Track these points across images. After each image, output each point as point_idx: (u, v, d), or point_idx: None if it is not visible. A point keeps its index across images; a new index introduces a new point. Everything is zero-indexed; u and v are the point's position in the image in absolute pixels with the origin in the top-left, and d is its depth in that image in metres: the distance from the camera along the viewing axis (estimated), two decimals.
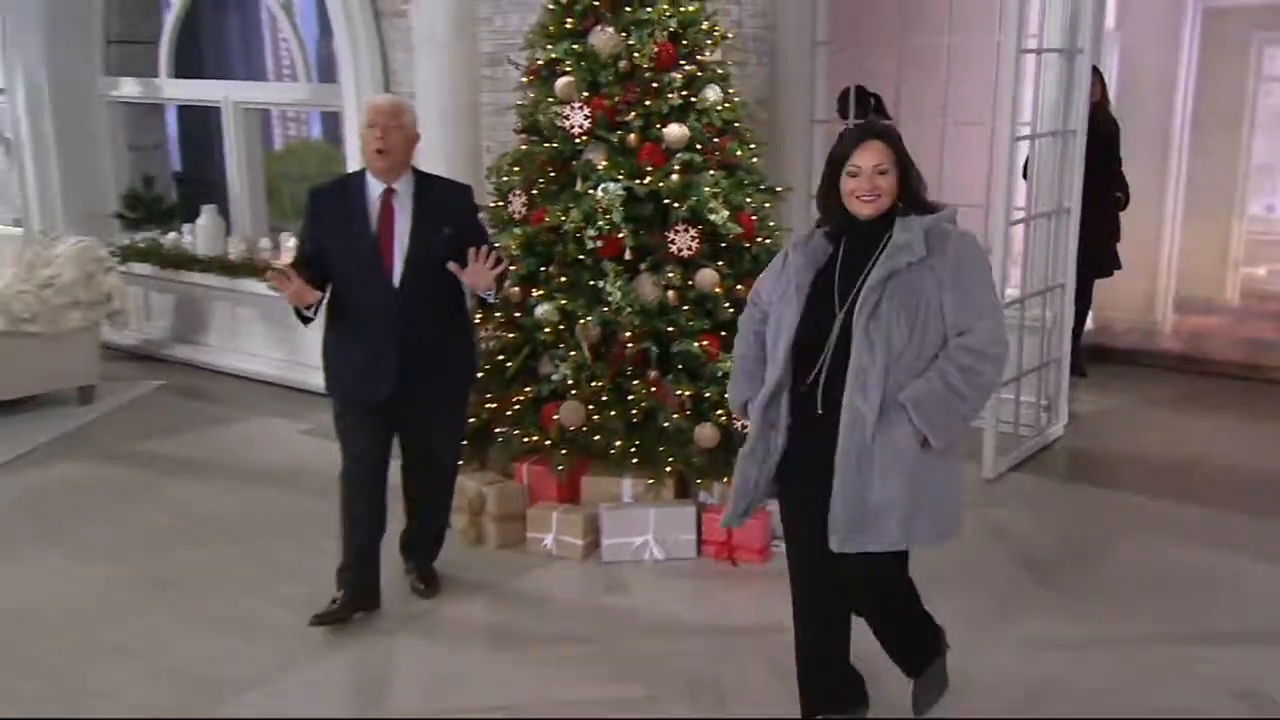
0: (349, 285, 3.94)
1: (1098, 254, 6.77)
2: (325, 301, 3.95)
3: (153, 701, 3.58)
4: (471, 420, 4.76)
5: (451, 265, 3.77)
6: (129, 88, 8.31)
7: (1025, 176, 6.05)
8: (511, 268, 4.76)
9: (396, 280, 3.88)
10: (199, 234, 7.70)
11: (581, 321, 4.64)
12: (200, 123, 9.00)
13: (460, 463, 4.48)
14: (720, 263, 4.74)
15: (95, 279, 6.75)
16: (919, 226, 2.86)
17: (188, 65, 8.33)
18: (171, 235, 7.92)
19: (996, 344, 2.86)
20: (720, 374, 4.60)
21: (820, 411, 2.87)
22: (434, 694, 3.65)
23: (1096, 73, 6.81)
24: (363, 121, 4.01)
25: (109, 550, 4.75)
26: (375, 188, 3.93)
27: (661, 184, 4.63)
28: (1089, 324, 7.42)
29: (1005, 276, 5.59)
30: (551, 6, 4.83)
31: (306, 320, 3.94)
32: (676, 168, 4.65)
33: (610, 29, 4.67)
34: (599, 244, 4.62)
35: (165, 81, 8.16)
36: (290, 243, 6.73)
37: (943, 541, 3.01)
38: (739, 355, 3.20)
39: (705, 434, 4.60)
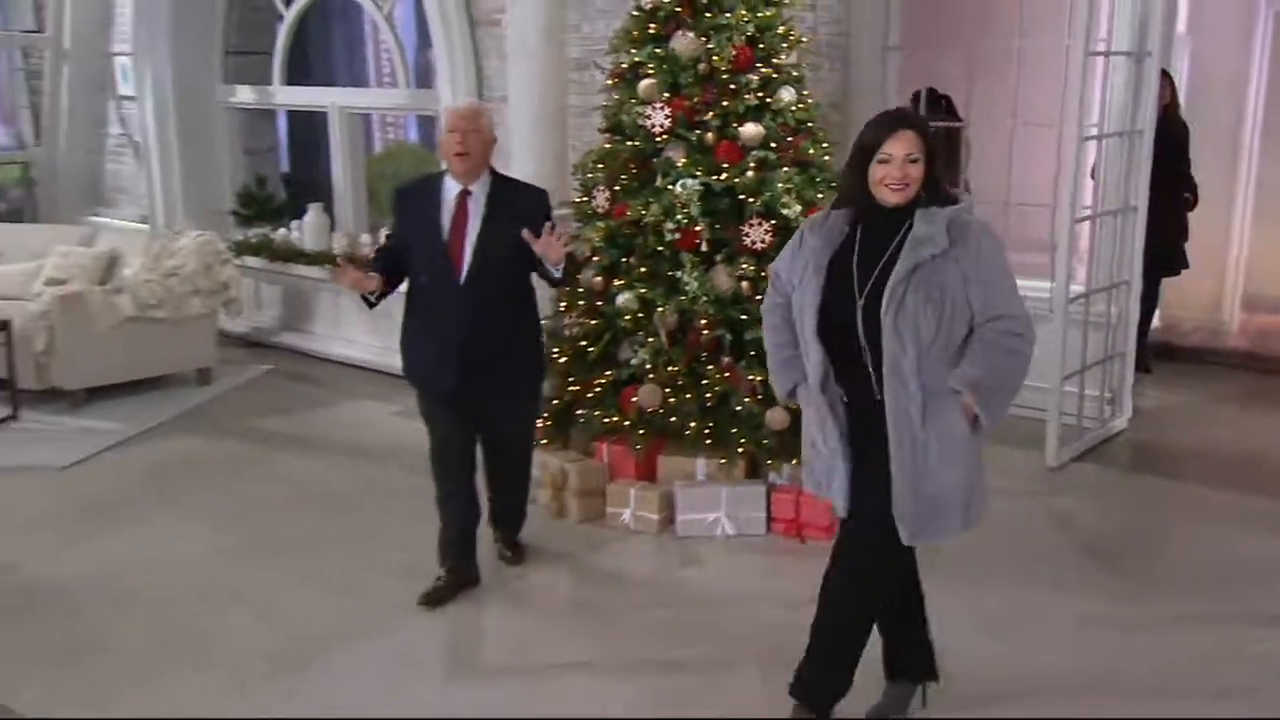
0: (422, 280, 3.99)
1: (1166, 253, 6.63)
2: (406, 292, 4.03)
3: (265, 646, 3.79)
4: (555, 401, 4.88)
5: (525, 232, 3.75)
6: (245, 95, 8.57)
7: (1093, 177, 5.99)
8: (594, 258, 4.88)
9: (464, 278, 3.89)
10: (306, 230, 7.90)
11: (660, 310, 4.69)
12: (307, 128, 9.25)
13: (536, 445, 4.54)
14: None
15: (214, 270, 6.99)
16: (941, 219, 2.76)
17: (298, 74, 8.54)
18: (280, 231, 8.14)
19: (1029, 328, 2.79)
20: None
21: (879, 398, 2.79)
22: (520, 652, 3.79)
23: (1166, 76, 6.69)
24: (442, 126, 4.08)
25: (226, 515, 4.96)
26: (452, 189, 3.97)
27: (737, 180, 4.67)
28: (1155, 322, 7.26)
29: (1070, 273, 5.53)
30: (635, 13, 4.88)
31: (371, 305, 4.03)
32: (752, 164, 4.68)
33: (691, 34, 4.70)
34: (677, 236, 4.67)
35: (277, 89, 8.39)
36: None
37: (976, 524, 2.95)
38: (773, 344, 3.09)
39: (776, 417, 4.62)
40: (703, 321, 4.68)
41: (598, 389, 4.84)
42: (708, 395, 4.67)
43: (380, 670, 3.66)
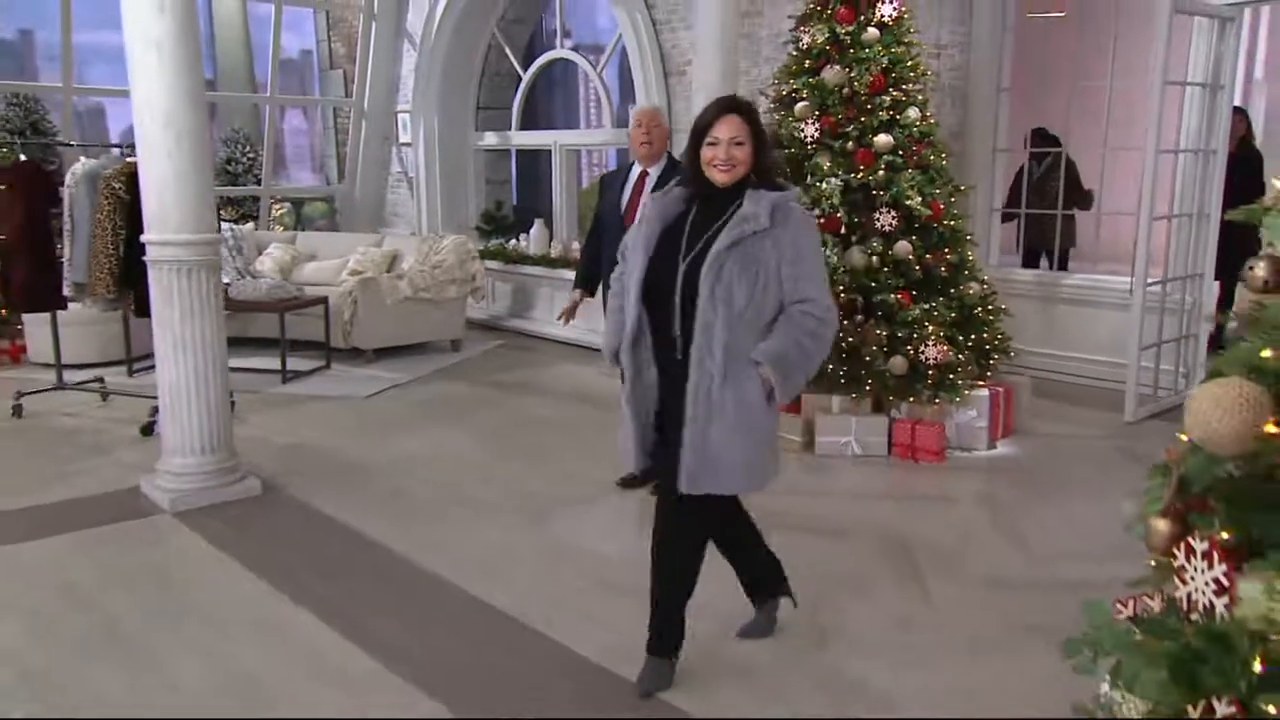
0: (606, 245, 3.92)
1: (1238, 261, 6.42)
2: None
3: (513, 504, 4.16)
4: None
5: None
6: (489, 139, 9.19)
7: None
8: None
9: None
10: (531, 240, 8.36)
11: None
12: (532, 166, 9.86)
13: None
14: (913, 237, 4.81)
15: (466, 264, 7.48)
16: (767, 201, 2.48)
17: (528, 122, 9.11)
18: (512, 242, 8.61)
19: (830, 312, 2.53)
20: (910, 319, 4.77)
21: (680, 358, 2.49)
22: None
23: (1241, 111, 6.50)
24: (631, 124, 4.18)
25: (477, 430, 5.39)
26: (636, 171, 4.08)
27: (870, 178, 4.79)
28: (1231, 323, 6.94)
29: (1147, 267, 5.38)
30: (794, 53, 5.08)
31: (593, 295, 4.19)
32: (882, 167, 4.79)
33: (838, 66, 4.86)
34: (822, 221, 4.78)
35: (513, 134, 9.01)
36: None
37: (766, 486, 2.63)
38: (612, 309, 2.71)
39: (897, 363, 4.69)
40: (840, 288, 4.76)
41: None
42: (843, 345, 4.73)
43: (594, 523, 4.00)
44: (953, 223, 4.92)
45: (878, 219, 4.79)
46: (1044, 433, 5.14)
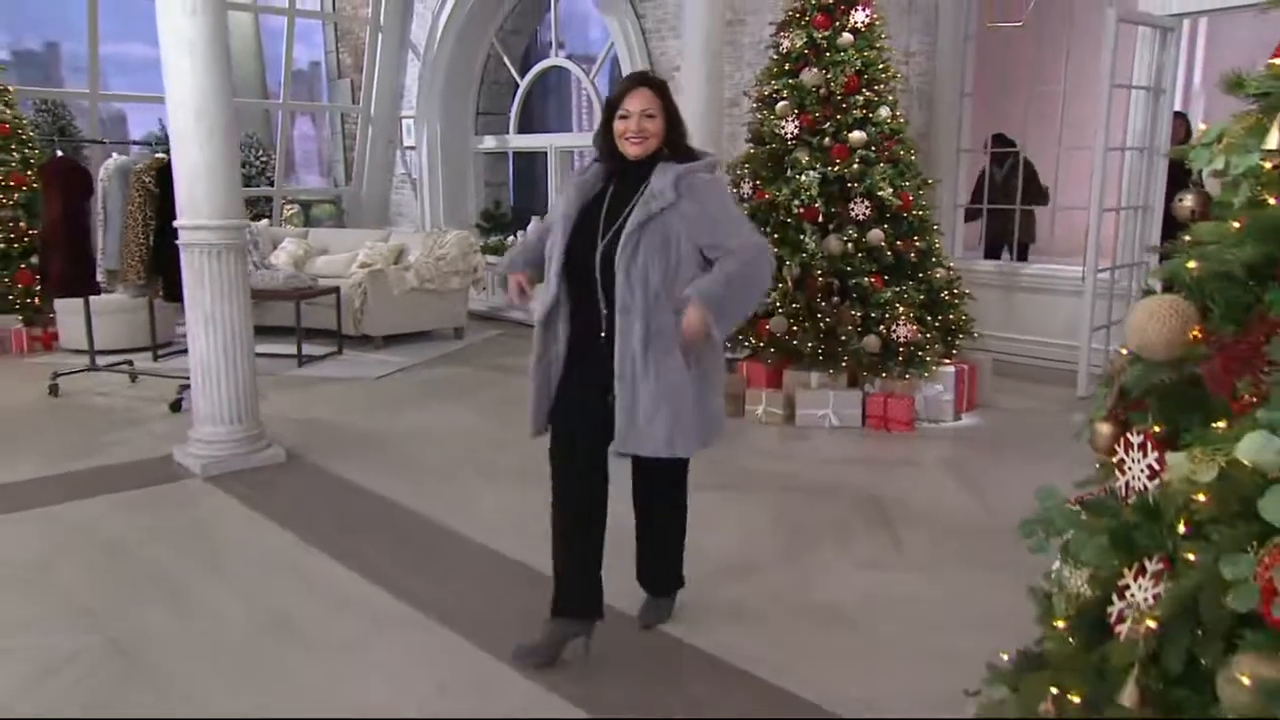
0: None
1: None
2: None
3: (518, 468, 4.18)
4: None
5: None
6: (489, 143, 9.29)
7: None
8: None
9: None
10: (528, 235, 8.51)
11: (787, 264, 4.90)
12: (527, 168, 9.95)
13: None
14: (885, 225, 4.90)
15: (468, 257, 7.54)
16: (672, 173, 2.34)
17: (525, 126, 9.22)
18: (510, 238, 8.74)
19: (757, 248, 2.39)
20: (882, 301, 4.88)
21: (604, 334, 2.38)
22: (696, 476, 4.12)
23: (1182, 116, 6.67)
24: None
25: (479, 407, 5.48)
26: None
27: (845, 171, 4.90)
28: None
29: (1097, 256, 5.50)
30: (774, 57, 5.17)
31: None
32: (856, 161, 4.89)
33: (815, 69, 4.97)
34: (801, 211, 4.90)
35: (512, 137, 9.11)
36: None
37: (705, 447, 2.49)
38: (522, 244, 2.75)
39: (870, 342, 4.79)
40: (818, 272, 4.89)
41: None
42: (821, 326, 4.85)
43: None
44: (920, 213, 5.03)
45: (852, 209, 4.89)
46: (1004, 407, 5.28)
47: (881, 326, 4.83)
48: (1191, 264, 1.19)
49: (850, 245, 4.89)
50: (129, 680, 2.52)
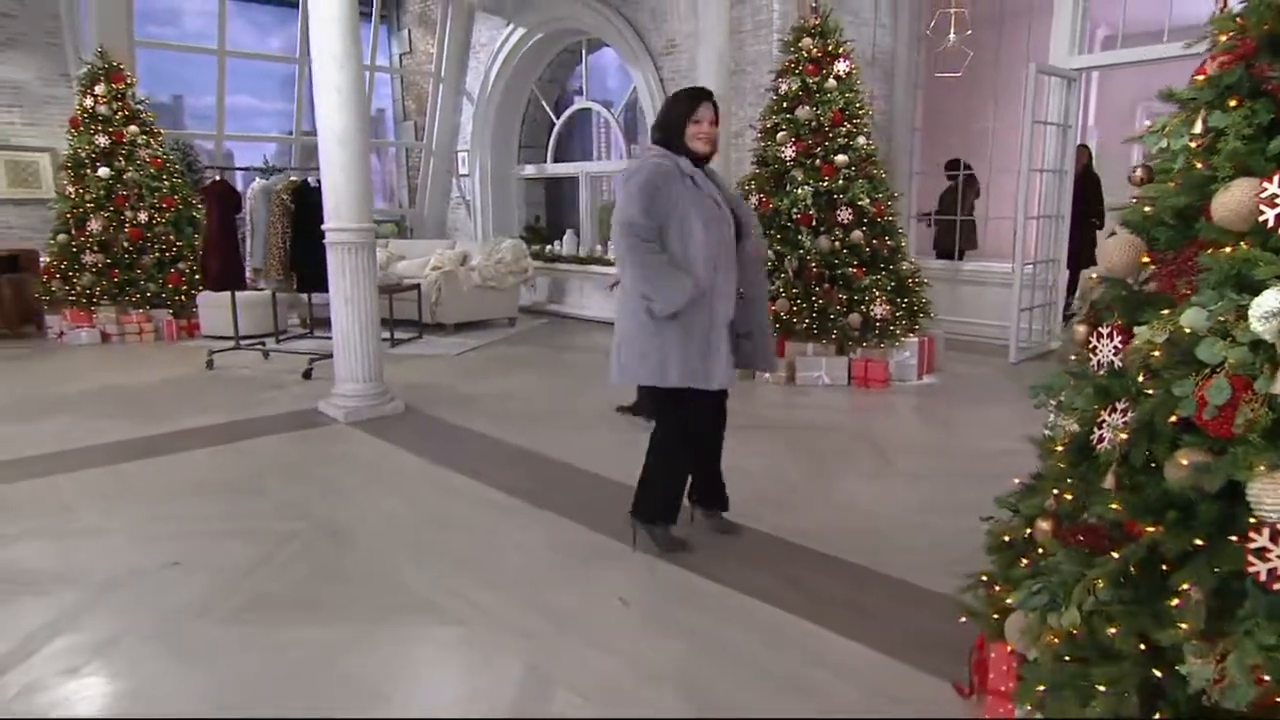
0: None
1: (1083, 255, 6.80)
2: None
3: (577, 419, 4.45)
4: None
5: None
6: (529, 170, 9.46)
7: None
8: None
9: None
10: (564, 245, 8.68)
11: (788, 258, 5.15)
12: (556, 192, 10.14)
13: None
14: (864, 228, 5.15)
15: (520, 260, 7.76)
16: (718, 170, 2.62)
17: (559, 156, 9.42)
18: (549, 247, 8.95)
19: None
20: (862, 287, 5.16)
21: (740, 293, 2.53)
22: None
23: (1085, 147, 7.03)
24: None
25: (538, 374, 5.66)
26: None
27: (833, 186, 5.14)
28: (1076, 299, 7.38)
29: (1023, 254, 5.82)
30: (774, 97, 5.39)
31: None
32: (841, 178, 5.14)
33: (808, 107, 5.22)
34: (798, 217, 5.14)
35: (548, 165, 9.32)
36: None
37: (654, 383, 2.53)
38: (666, 262, 2.41)
39: (853, 319, 5.06)
40: (812, 265, 5.12)
41: None
42: (815, 307, 5.10)
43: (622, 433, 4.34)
44: (890, 218, 5.28)
45: (838, 215, 5.14)
46: (954, 371, 5.59)
47: (862, 307, 5.09)
48: (1147, 209, 1.53)
49: (837, 243, 5.14)
50: (338, 549, 2.82)
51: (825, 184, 5.17)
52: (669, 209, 2.42)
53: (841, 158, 5.17)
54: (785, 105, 5.33)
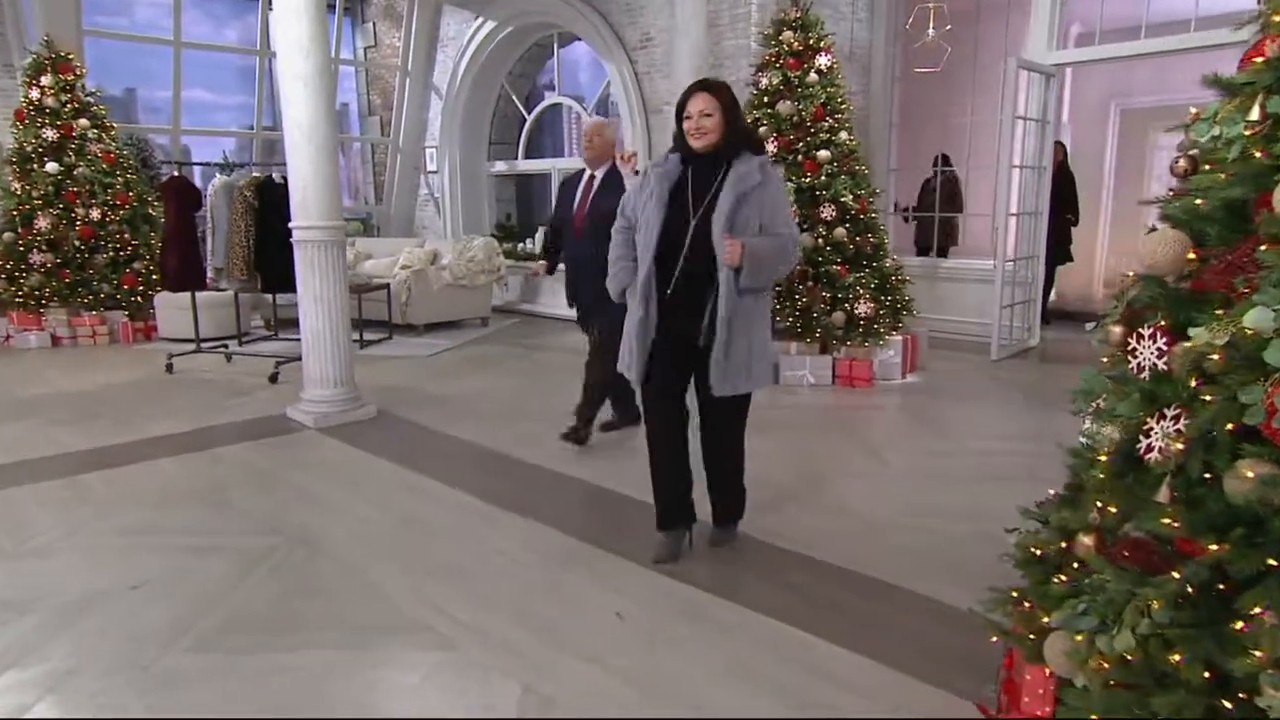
0: (564, 239, 3.77)
1: (1059, 250, 6.86)
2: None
3: (552, 416, 4.15)
4: None
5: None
6: (500, 167, 9.25)
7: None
8: None
9: (580, 234, 3.63)
10: (536, 243, 8.45)
11: None
12: (527, 189, 9.93)
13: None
14: (847, 225, 5.08)
15: (493, 259, 7.55)
16: (755, 162, 2.39)
17: (530, 152, 9.20)
18: (521, 245, 8.72)
19: (794, 241, 2.45)
20: (846, 284, 5.09)
21: (683, 296, 2.40)
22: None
23: (1060, 144, 7.07)
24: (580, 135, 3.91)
25: (510, 374, 5.56)
26: (585, 174, 3.71)
27: (815, 182, 5.06)
28: (1052, 296, 7.37)
29: (1004, 250, 5.82)
30: (754, 92, 5.30)
31: (551, 273, 4.02)
32: (824, 174, 5.06)
33: (789, 102, 5.13)
34: None
35: (520, 162, 9.11)
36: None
37: (764, 385, 2.56)
38: (618, 258, 2.51)
39: (837, 317, 4.98)
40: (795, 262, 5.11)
41: None
42: (798, 305, 5.02)
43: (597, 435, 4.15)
44: (873, 215, 5.22)
45: (821, 212, 5.05)
46: (937, 369, 5.54)
47: (846, 305, 5.01)
48: (1199, 202, 1.42)
49: (820, 240, 5.05)
50: (315, 561, 2.63)
51: (808, 180, 5.09)
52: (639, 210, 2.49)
53: (824, 153, 5.09)
54: (766, 100, 5.24)
